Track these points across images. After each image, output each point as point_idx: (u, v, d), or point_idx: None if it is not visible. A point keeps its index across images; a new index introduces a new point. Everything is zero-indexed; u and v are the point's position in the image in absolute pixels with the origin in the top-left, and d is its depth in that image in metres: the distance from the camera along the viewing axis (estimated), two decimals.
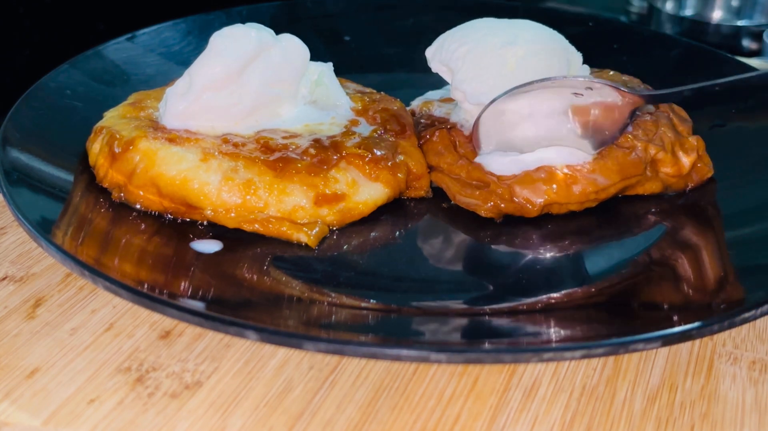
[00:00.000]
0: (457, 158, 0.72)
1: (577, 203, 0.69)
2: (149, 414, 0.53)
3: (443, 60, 0.74)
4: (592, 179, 0.69)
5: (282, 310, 0.58)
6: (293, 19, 0.99)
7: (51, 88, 0.79)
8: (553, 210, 0.69)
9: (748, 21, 1.23)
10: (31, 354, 0.57)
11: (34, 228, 0.60)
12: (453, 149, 0.73)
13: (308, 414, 0.53)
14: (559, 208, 0.69)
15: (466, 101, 0.73)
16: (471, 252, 0.67)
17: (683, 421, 0.53)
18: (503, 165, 0.70)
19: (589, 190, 0.69)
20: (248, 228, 0.66)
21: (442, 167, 0.72)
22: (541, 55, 0.72)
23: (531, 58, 0.72)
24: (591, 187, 0.69)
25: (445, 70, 0.75)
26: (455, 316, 0.58)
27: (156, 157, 0.67)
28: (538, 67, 0.71)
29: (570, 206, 0.69)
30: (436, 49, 0.76)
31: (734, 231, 0.68)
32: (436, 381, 0.56)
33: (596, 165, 0.69)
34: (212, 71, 0.70)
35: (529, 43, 0.72)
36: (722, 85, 0.66)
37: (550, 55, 0.73)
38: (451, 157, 0.72)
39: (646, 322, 0.57)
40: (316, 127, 0.73)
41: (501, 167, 0.70)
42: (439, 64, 0.75)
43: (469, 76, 0.72)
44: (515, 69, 0.71)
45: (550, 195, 0.68)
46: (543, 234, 0.68)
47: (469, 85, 0.72)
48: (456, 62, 0.73)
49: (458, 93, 0.73)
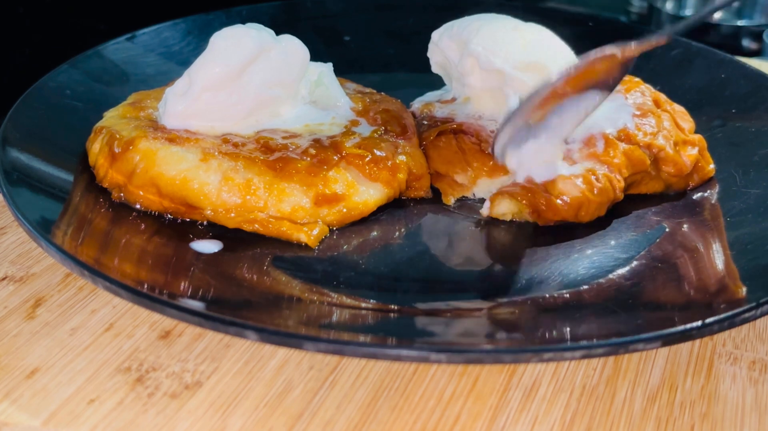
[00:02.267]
0: (467, 170, 0.72)
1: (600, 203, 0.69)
2: (149, 414, 0.53)
3: (453, 35, 0.76)
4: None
5: (282, 310, 0.58)
6: (293, 19, 0.99)
7: (51, 88, 0.79)
8: (581, 213, 0.68)
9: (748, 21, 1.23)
10: (31, 354, 0.57)
11: (34, 228, 0.60)
12: (462, 158, 0.73)
13: (308, 414, 0.53)
14: (587, 207, 0.68)
15: (477, 68, 0.74)
16: (471, 252, 0.67)
17: (683, 421, 0.53)
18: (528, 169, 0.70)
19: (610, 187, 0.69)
20: (248, 228, 0.66)
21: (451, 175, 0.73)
22: (549, 39, 0.75)
23: (541, 38, 0.74)
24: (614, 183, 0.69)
25: (453, 46, 0.76)
26: (455, 316, 0.58)
27: (156, 157, 0.67)
28: (548, 48, 0.73)
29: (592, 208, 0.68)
30: (444, 29, 0.77)
31: (734, 231, 0.67)
32: (436, 381, 0.56)
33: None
34: (212, 72, 0.70)
35: (537, 29, 0.75)
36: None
37: (556, 41, 0.75)
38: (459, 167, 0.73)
39: (646, 322, 0.57)
40: (316, 127, 0.73)
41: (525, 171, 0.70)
42: (448, 40, 0.76)
43: (484, 40, 0.73)
44: (527, 45, 0.73)
45: (584, 193, 0.68)
46: (543, 234, 0.68)
47: (484, 48, 0.73)
48: (468, 33, 0.75)
49: (469, 60, 0.74)
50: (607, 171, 0.69)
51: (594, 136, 0.70)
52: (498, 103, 0.75)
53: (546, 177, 0.68)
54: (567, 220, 0.68)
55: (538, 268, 0.64)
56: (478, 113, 0.76)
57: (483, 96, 0.76)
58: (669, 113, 0.75)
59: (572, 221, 0.68)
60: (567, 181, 0.68)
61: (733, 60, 0.88)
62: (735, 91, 0.84)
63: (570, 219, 0.68)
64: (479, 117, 0.76)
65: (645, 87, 0.78)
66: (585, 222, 0.68)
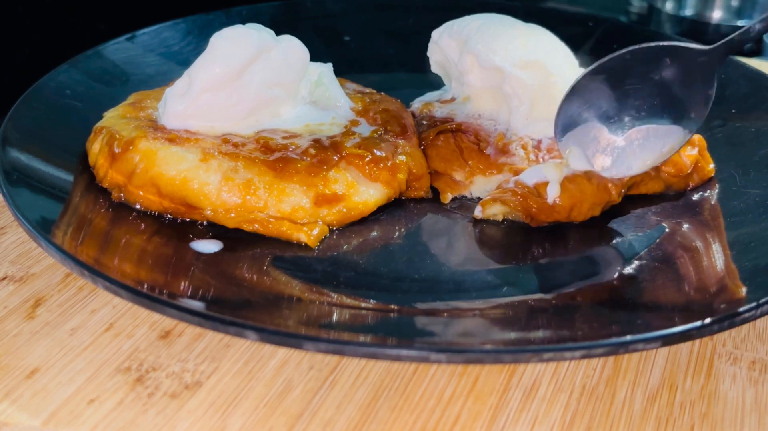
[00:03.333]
0: (465, 167, 0.72)
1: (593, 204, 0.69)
2: (149, 414, 0.53)
3: (453, 33, 0.76)
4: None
5: (282, 310, 0.58)
6: (293, 19, 0.99)
7: (51, 88, 0.78)
8: (574, 212, 0.68)
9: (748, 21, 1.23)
10: (31, 354, 0.57)
11: (34, 228, 0.60)
12: (460, 156, 0.73)
13: (308, 414, 0.53)
14: (579, 208, 0.68)
15: (476, 66, 0.74)
16: (471, 252, 0.67)
17: (683, 421, 0.53)
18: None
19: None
20: (248, 228, 0.66)
21: (449, 173, 0.73)
22: (548, 39, 0.75)
23: (540, 37, 0.74)
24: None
25: (453, 45, 0.76)
26: (455, 316, 0.58)
27: (156, 157, 0.67)
28: (547, 46, 0.74)
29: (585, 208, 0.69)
30: (444, 28, 0.78)
31: (734, 231, 0.67)
32: (436, 381, 0.56)
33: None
34: (212, 72, 0.70)
35: (536, 29, 0.75)
36: None
37: (555, 41, 0.75)
38: (456, 164, 0.73)
39: (646, 322, 0.57)
40: (316, 127, 0.73)
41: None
42: (448, 38, 0.77)
43: (484, 38, 0.74)
44: (526, 44, 0.73)
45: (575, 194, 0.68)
46: (542, 234, 0.68)
47: (484, 45, 0.73)
48: (468, 32, 0.75)
49: (468, 58, 0.74)
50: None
51: None
52: (497, 101, 0.75)
53: (537, 179, 0.68)
54: (560, 221, 0.68)
55: (538, 268, 0.64)
56: (477, 112, 0.76)
57: (482, 95, 0.76)
58: None
59: (565, 221, 0.68)
60: (555, 185, 0.68)
61: (733, 60, 0.88)
62: (735, 91, 0.84)
63: (562, 220, 0.68)
64: (478, 116, 0.76)
65: None
66: (578, 222, 0.68)
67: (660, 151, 0.67)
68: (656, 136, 0.67)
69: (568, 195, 0.67)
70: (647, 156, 0.68)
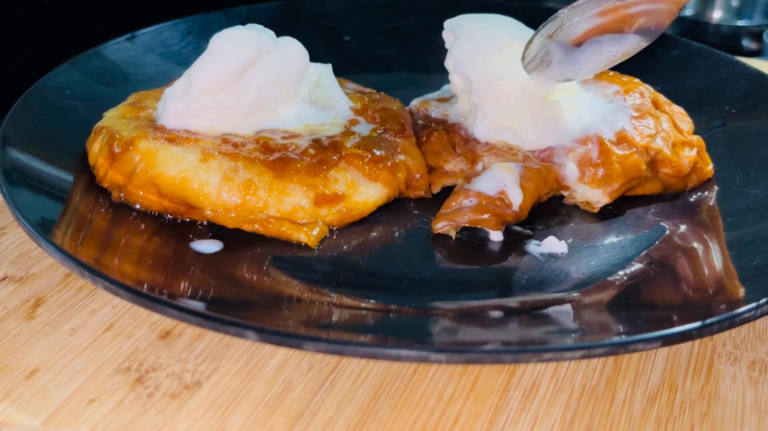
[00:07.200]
0: (456, 157, 0.73)
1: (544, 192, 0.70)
2: (149, 414, 0.53)
3: (453, 28, 0.76)
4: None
5: (282, 310, 0.58)
6: (293, 19, 0.99)
7: (51, 88, 0.79)
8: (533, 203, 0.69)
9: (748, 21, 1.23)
10: (31, 354, 0.57)
11: (34, 228, 0.60)
12: (452, 149, 0.73)
13: (308, 414, 0.53)
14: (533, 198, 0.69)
15: (453, 71, 0.74)
16: (470, 252, 0.67)
17: (683, 421, 0.53)
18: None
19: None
20: (248, 228, 0.66)
21: (441, 166, 0.73)
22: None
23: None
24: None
25: (451, 39, 0.76)
26: (455, 316, 0.58)
27: (156, 157, 0.67)
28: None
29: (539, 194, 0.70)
30: (455, 20, 0.78)
31: (734, 231, 0.67)
32: (436, 381, 0.56)
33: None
34: (211, 73, 0.70)
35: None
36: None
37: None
38: (449, 156, 0.73)
39: (646, 322, 0.57)
40: (316, 127, 0.73)
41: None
42: (449, 33, 0.77)
43: (467, 44, 0.74)
44: (508, 60, 0.72)
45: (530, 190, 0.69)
46: (542, 234, 0.68)
47: (463, 51, 0.73)
48: (461, 32, 0.75)
49: (450, 60, 0.75)
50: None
51: (590, 138, 0.70)
52: (471, 106, 0.75)
53: (497, 187, 0.68)
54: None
55: (538, 268, 0.64)
56: (464, 112, 0.76)
57: (462, 96, 0.76)
58: (668, 114, 0.75)
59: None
60: (516, 190, 0.68)
61: (733, 60, 0.88)
62: (735, 91, 0.84)
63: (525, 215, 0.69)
64: (466, 116, 0.76)
65: (644, 87, 0.78)
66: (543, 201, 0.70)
67: (613, 56, 0.68)
68: (611, 43, 0.68)
69: (528, 195, 0.68)
70: (598, 59, 0.68)
